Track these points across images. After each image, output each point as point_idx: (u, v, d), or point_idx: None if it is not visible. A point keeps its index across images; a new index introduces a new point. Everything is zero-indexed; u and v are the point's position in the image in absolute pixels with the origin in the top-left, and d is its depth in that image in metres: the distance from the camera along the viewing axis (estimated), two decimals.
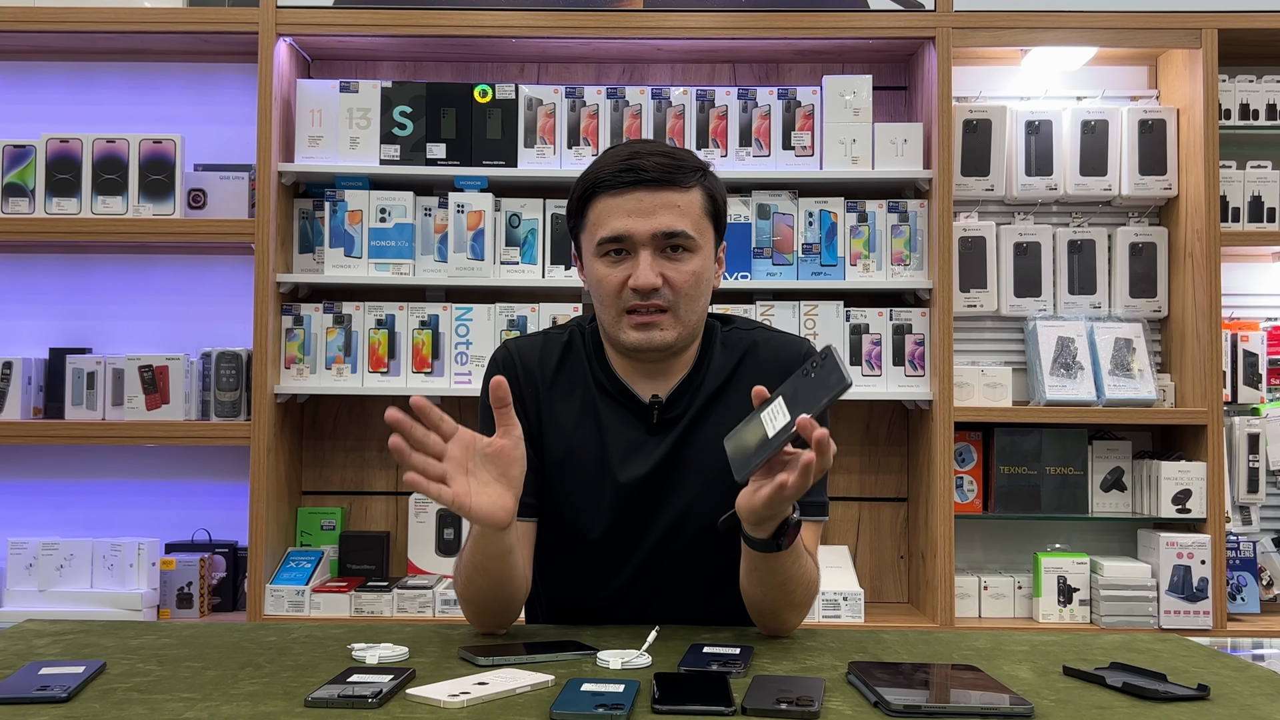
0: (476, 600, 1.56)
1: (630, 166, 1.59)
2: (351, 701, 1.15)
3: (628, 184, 1.59)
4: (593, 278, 1.64)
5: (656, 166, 1.59)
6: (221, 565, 3.20)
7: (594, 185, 1.62)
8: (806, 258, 3.17)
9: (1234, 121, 3.23)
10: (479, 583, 1.53)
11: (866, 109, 3.17)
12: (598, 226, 1.61)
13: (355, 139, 3.18)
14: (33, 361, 3.21)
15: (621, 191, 1.60)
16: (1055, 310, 3.28)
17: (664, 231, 1.59)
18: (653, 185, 1.59)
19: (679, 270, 1.60)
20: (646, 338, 1.61)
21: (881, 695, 1.17)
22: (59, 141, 3.15)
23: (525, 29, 3.12)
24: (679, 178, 1.60)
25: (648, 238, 1.59)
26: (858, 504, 3.38)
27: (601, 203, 1.61)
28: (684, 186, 1.61)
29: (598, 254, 1.62)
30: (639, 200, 1.59)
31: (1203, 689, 1.25)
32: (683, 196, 1.61)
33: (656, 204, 1.59)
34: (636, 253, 1.59)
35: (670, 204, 1.60)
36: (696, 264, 1.61)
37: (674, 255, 1.60)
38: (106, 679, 1.27)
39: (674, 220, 1.59)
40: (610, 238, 1.60)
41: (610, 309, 1.63)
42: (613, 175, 1.60)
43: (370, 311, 3.16)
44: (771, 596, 1.53)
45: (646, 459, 1.64)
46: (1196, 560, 3.04)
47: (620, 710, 1.11)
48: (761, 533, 1.43)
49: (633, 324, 1.61)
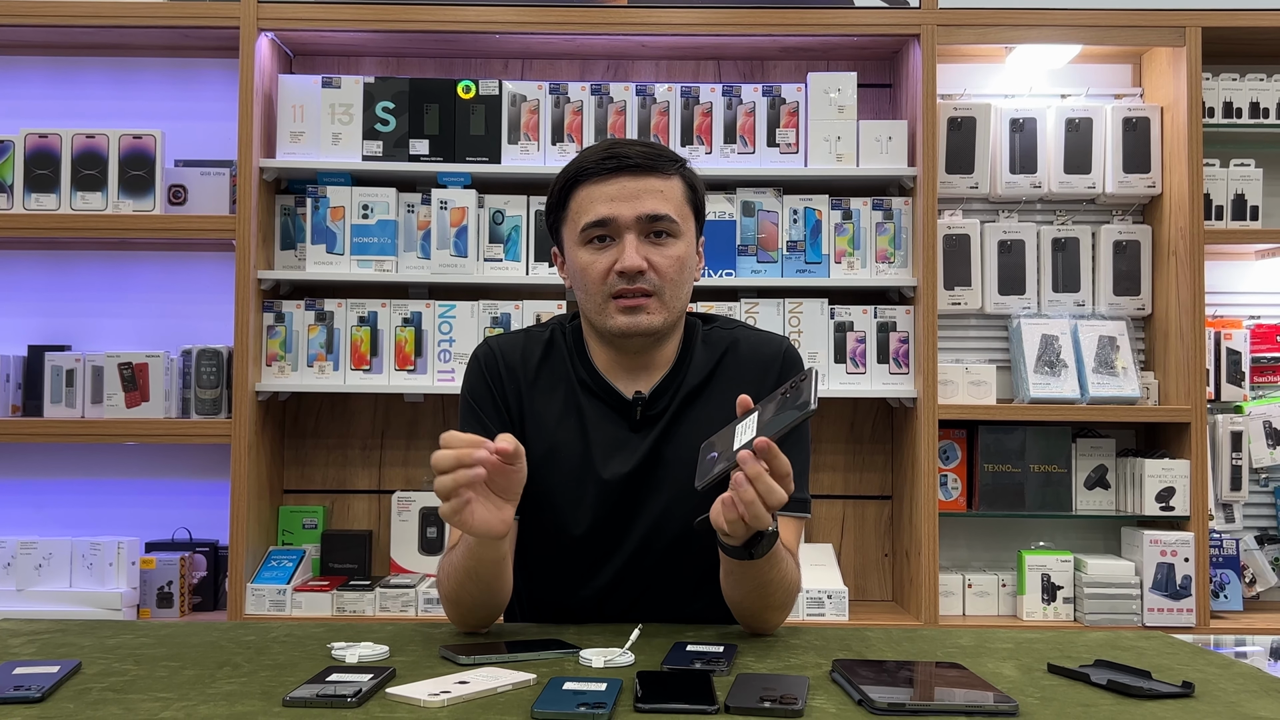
0: (464, 603, 1.55)
1: (612, 154, 1.61)
2: (330, 701, 1.13)
3: (611, 170, 1.61)
4: (576, 266, 1.64)
5: (639, 154, 1.62)
6: (202, 564, 3.18)
7: (576, 175, 1.63)
8: (791, 255, 3.16)
9: (1217, 120, 3.23)
10: (469, 588, 1.53)
11: (851, 106, 3.16)
12: (581, 214, 1.62)
13: (337, 135, 3.16)
14: (11, 359, 3.18)
15: (605, 178, 1.61)
16: (1039, 308, 3.28)
17: (649, 215, 1.60)
18: (635, 171, 1.61)
19: (663, 254, 1.61)
20: (633, 321, 1.61)
21: (865, 693, 1.16)
22: (38, 137, 3.12)
23: (509, 24, 3.11)
24: (660, 165, 1.63)
25: (632, 221, 1.60)
26: (842, 502, 3.37)
27: (584, 190, 1.62)
28: (665, 173, 1.63)
29: (581, 241, 1.62)
30: (622, 186, 1.60)
31: (1187, 686, 1.24)
32: (665, 183, 1.62)
33: (640, 189, 1.60)
34: (621, 237, 1.60)
35: (653, 189, 1.61)
36: (680, 249, 1.63)
37: (658, 240, 1.62)
38: (82, 679, 1.26)
39: (658, 204, 1.61)
40: (595, 222, 1.60)
41: (596, 296, 1.62)
42: (595, 164, 1.61)
43: (352, 309, 3.14)
44: (750, 599, 1.53)
45: (629, 456, 1.64)
46: (1180, 558, 3.05)
47: (603, 709, 1.10)
48: (735, 540, 1.42)
49: (620, 308, 1.61)
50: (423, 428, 3.36)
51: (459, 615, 1.58)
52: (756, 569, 1.47)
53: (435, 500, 3.25)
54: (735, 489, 1.34)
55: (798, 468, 1.65)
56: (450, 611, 1.58)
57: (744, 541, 1.42)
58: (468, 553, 1.50)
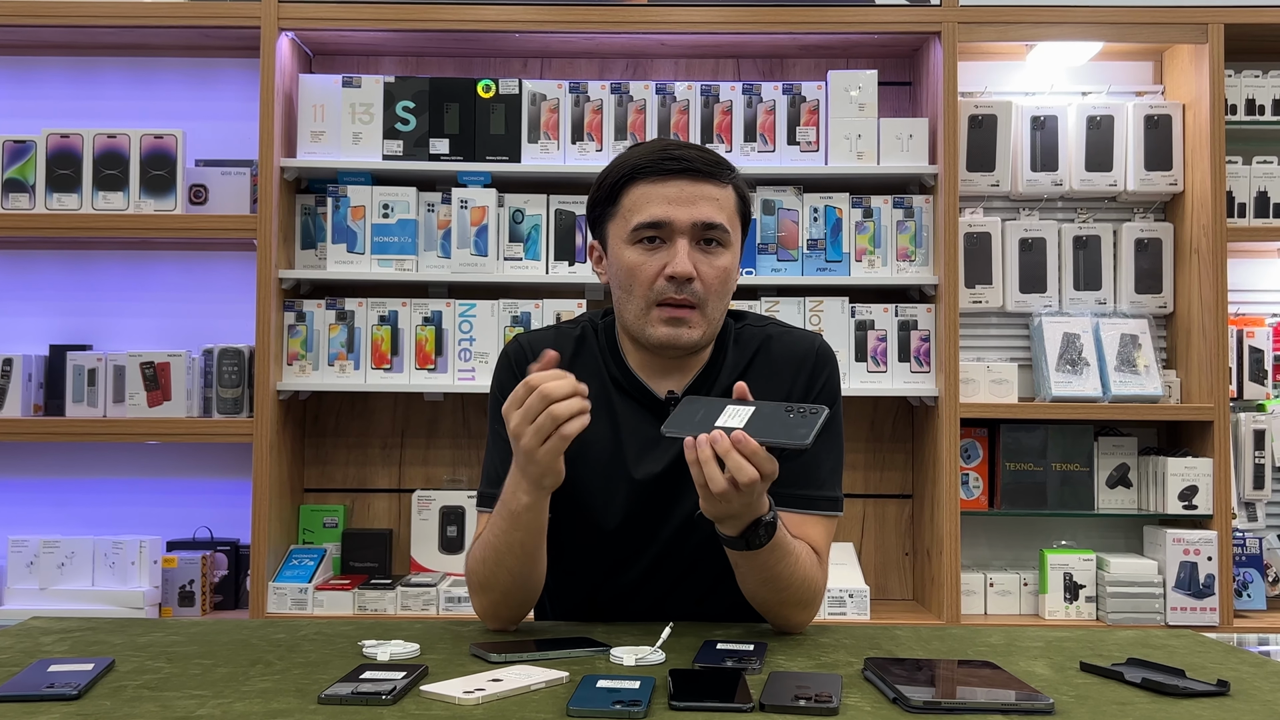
0: (500, 586, 1.53)
1: (674, 155, 1.58)
2: (366, 699, 1.13)
3: (670, 172, 1.58)
4: (622, 266, 1.60)
5: (699, 158, 1.59)
6: (223, 563, 3.18)
7: (633, 171, 1.60)
8: (811, 253, 3.16)
9: (1240, 117, 3.21)
10: (510, 563, 1.51)
11: (872, 104, 3.16)
12: (634, 212, 1.59)
13: (358, 134, 3.16)
14: (33, 358, 3.19)
15: (663, 179, 1.58)
16: (1061, 306, 3.27)
17: (704, 222, 1.57)
18: (695, 176, 1.58)
19: (712, 265, 1.59)
20: (674, 333, 1.59)
21: (900, 691, 1.16)
22: (59, 137, 3.13)
23: (528, 24, 3.11)
24: (718, 172, 1.60)
25: (687, 226, 1.57)
26: (863, 501, 3.37)
27: (639, 189, 1.59)
28: (722, 181, 1.60)
29: (631, 240, 1.59)
30: (680, 189, 1.57)
31: (1223, 685, 1.24)
32: (720, 191, 1.60)
33: (697, 194, 1.58)
34: (673, 241, 1.57)
35: (710, 196, 1.58)
36: (727, 260, 1.61)
37: (708, 249, 1.59)
38: (116, 676, 1.26)
39: (714, 212, 1.58)
40: (649, 223, 1.57)
41: (640, 300, 1.60)
42: (654, 162, 1.58)
43: (373, 308, 3.15)
44: (762, 593, 1.52)
45: (661, 456, 1.63)
46: (1203, 557, 3.03)
47: (638, 707, 1.10)
48: (729, 529, 1.42)
49: (663, 318, 1.58)
50: (443, 427, 3.37)
51: (491, 604, 1.55)
52: (761, 561, 1.46)
53: (454, 499, 3.28)
54: (691, 465, 1.36)
55: (829, 464, 1.65)
56: (482, 601, 1.56)
57: (740, 532, 1.41)
58: (512, 524, 1.48)
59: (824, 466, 1.64)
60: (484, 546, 1.54)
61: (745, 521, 1.41)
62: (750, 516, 1.40)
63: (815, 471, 1.62)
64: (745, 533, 1.42)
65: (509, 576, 1.52)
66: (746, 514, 1.40)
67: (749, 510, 1.39)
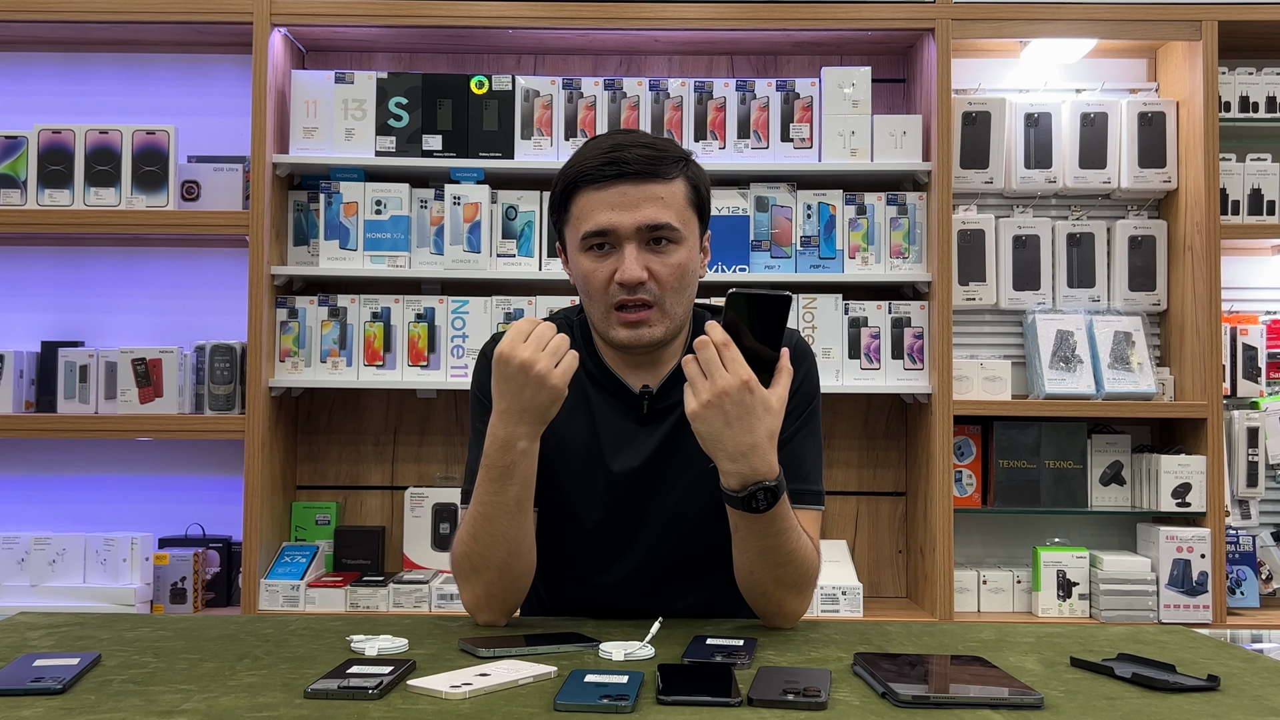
0: (496, 560, 1.52)
1: (612, 159, 1.57)
2: (352, 693, 1.13)
3: (610, 177, 1.57)
4: (578, 273, 1.62)
5: (639, 159, 1.57)
6: (215, 560, 3.18)
7: (576, 179, 1.60)
8: (805, 250, 3.15)
9: (1234, 114, 3.21)
10: (503, 526, 1.51)
11: (865, 101, 3.15)
12: (581, 221, 1.60)
13: (350, 130, 3.15)
14: (24, 354, 3.18)
15: (604, 185, 1.58)
16: (1054, 303, 3.27)
17: (648, 224, 1.57)
18: (636, 178, 1.57)
19: (664, 263, 1.59)
20: (635, 334, 1.60)
21: (889, 686, 1.16)
22: (51, 132, 3.12)
23: (522, 19, 3.10)
24: (662, 169, 1.59)
25: (632, 231, 1.57)
26: (856, 498, 3.36)
27: (584, 196, 1.59)
28: (667, 178, 1.59)
29: (582, 248, 1.60)
30: (622, 194, 1.57)
31: (1213, 680, 1.23)
32: (666, 188, 1.59)
33: (640, 197, 1.57)
34: (621, 246, 1.58)
35: (654, 196, 1.58)
36: (681, 255, 1.60)
37: (658, 248, 1.59)
38: (102, 671, 1.26)
39: (658, 213, 1.58)
40: (594, 231, 1.58)
41: (599, 304, 1.61)
42: (595, 169, 1.58)
43: (366, 304, 3.14)
44: (759, 569, 1.50)
45: (639, 450, 1.63)
46: (1196, 554, 3.03)
47: (625, 701, 1.10)
48: (731, 481, 1.42)
49: (621, 321, 1.60)
50: (435, 423, 3.36)
51: (484, 586, 1.54)
52: (763, 530, 1.45)
53: (447, 496, 3.26)
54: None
55: (811, 459, 1.65)
56: (474, 588, 1.55)
57: (744, 485, 1.41)
58: (505, 479, 1.49)
59: (807, 461, 1.64)
60: (473, 521, 1.53)
61: (745, 467, 1.40)
62: (750, 462, 1.40)
63: (799, 466, 1.62)
64: (749, 497, 1.41)
65: (503, 546, 1.51)
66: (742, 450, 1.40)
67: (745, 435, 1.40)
